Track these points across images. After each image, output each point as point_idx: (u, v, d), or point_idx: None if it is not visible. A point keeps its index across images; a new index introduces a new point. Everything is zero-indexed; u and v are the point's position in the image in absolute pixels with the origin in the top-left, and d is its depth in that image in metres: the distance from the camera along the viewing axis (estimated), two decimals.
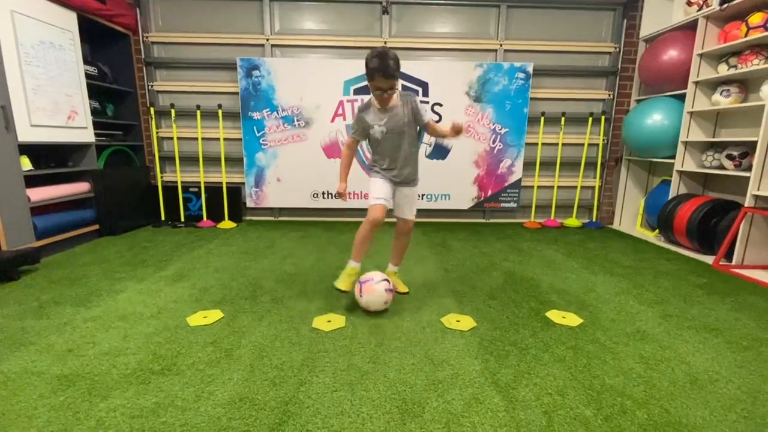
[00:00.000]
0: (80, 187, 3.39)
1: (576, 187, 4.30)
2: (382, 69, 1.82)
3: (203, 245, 3.27)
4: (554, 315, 2.01)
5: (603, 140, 4.19)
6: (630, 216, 4.28)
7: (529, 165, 4.24)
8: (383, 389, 1.40)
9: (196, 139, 4.05)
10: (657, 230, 3.66)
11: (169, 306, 2.08)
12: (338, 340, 1.74)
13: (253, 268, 2.70)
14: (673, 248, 3.36)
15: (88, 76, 3.47)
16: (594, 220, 4.27)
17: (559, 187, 4.29)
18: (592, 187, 4.42)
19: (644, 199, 4.03)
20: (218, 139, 4.06)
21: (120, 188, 3.70)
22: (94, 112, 3.56)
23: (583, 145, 4.23)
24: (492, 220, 4.41)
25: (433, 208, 4.27)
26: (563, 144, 4.17)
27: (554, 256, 3.04)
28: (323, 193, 4.22)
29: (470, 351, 1.66)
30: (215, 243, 3.34)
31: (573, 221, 4.23)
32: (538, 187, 4.27)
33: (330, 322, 1.91)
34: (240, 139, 4.15)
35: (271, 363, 1.56)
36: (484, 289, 2.35)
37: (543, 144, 4.16)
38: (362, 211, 4.42)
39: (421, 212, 4.51)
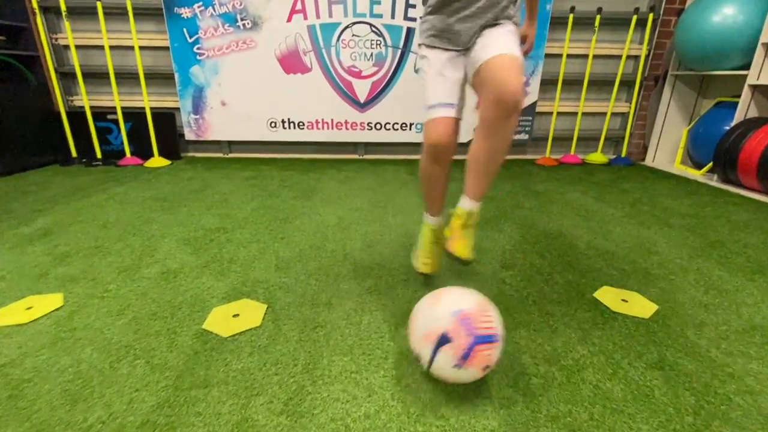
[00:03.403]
0: None
1: (604, 113, 3.40)
2: None
3: (109, 189, 2.41)
4: (609, 296, 1.25)
5: (646, 49, 3.21)
6: (667, 150, 3.44)
7: (547, 85, 3.29)
8: None
9: (102, 47, 3.00)
10: (707, 167, 2.85)
11: None
12: (240, 359, 0.97)
13: (158, 221, 1.87)
14: (733, 190, 2.58)
15: None
16: (623, 155, 3.43)
17: (583, 114, 3.38)
18: (623, 114, 3.52)
19: (689, 128, 3.16)
20: (132, 47, 3.01)
21: (2, 113, 2.74)
22: None
23: (617, 57, 3.26)
24: None
25: (421, 142, 3.37)
26: (594, 56, 3.19)
27: (583, 201, 2.25)
28: (284, 122, 3.29)
29: (472, 384, 0.91)
30: (128, 186, 2.48)
31: (597, 156, 3.39)
32: (558, 113, 3.36)
33: (237, 317, 1.13)
34: (167, 48, 3.11)
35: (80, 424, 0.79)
36: (494, 252, 1.57)
37: (568, 56, 3.18)
38: (328, 147, 3.51)
39: (405, 147, 3.64)
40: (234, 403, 0.83)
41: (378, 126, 3.32)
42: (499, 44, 0.99)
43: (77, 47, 3.04)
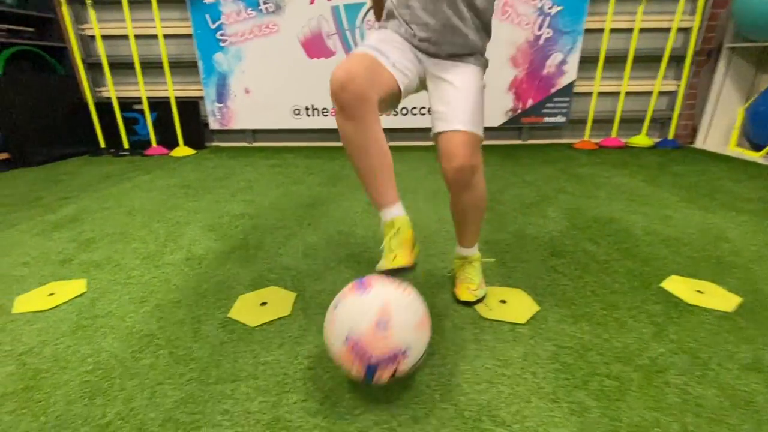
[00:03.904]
0: None
1: (649, 93, 3.14)
2: None
3: (135, 177, 2.39)
4: (679, 287, 1.09)
5: (699, 21, 2.93)
6: (720, 131, 3.15)
7: (586, 63, 3.06)
8: None
9: (127, 36, 2.98)
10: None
11: (12, 271, 1.24)
12: (269, 351, 0.88)
13: (183, 208, 1.82)
14: None
15: None
16: (670, 137, 3.17)
17: (626, 93, 3.13)
18: (670, 93, 3.25)
19: (746, 106, 2.88)
20: (157, 36, 2.97)
21: (33, 105, 2.77)
22: None
23: (665, 30, 3.00)
24: (530, 141, 3.35)
25: None
26: (640, 30, 2.94)
27: (633, 186, 2.06)
28: (308, 109, 3.20)
29: (532, 384, 0.79)
30: (154, 175, 2.45)
31: (641, 139, 3.15)
32: (598, 93, 3.13)
33: (265, 305, 1.04)
34: (190, 35, 3.06)
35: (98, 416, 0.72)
36: (541, 239, 1.43)
37: (611, 30, 2.94)
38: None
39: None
40: (264, 400, 0.74)
41: (404, 111, 3.18)
42: (460, 112, 0.89)
43: (103, 37, 3.03)
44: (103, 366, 0.84)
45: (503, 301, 1.03)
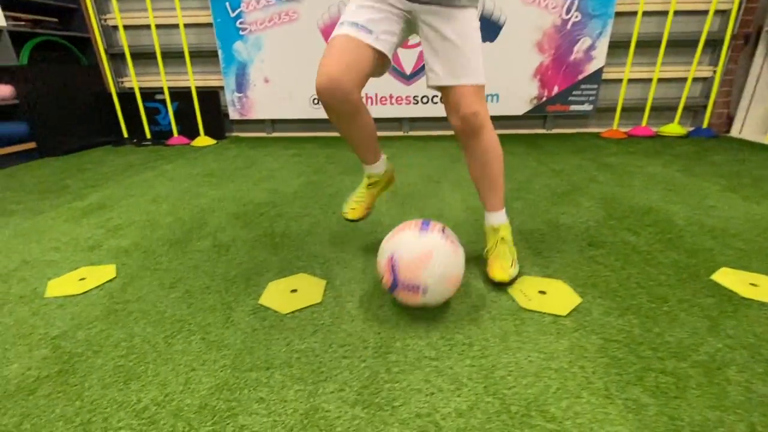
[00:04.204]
0: None
1: (682, 79, 3.00)
2: None
3: (158, 167, 2.40)
4: (731, 279, 1.03)
5: (737, 2, 2.77)
6: (759, 119, 2.99)
7: (616, 48, 2.94)
8: None
9: (149, 26, 2.98)
10: None
11: (43, 256, 1.25)
12: (303, 339, 0.86)
13: (207, 196, 1.81)
14: None
15: None
16: (704, 126, 3.03)
17: (659, 80, 3.00)
18: (704, 80, 3.10)
19: None
20: (178, 25, 2.97)
21: (58, 94, 2.80)
22: None
23: (702, 13, 2.85)
24: (555, 131, 3.25)
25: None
26: (675, 12, 2.80)
27: (669, 175, 1.96)
28: None
29: (582, 379, 0.74)
30: (176, 164, 2.46)
31: (674, 128, 3.01)
32: (629, 80, 3.00)
33: (295, 292, 1.02)
34: (210, 24, 3.05)
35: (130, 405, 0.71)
36: (576, 229, 1.37)
37: (643, 14, 2.81)
38: (389, 123, 3.35)
39: None
40: (300, 389, 0.72)
41: (425, 99, 3.12)
42: (459, 67, 0.92)
43: (124, 27, 3.05)
44: (136, 351, 0.83)
45: (542, 292, 0.99)
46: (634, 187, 1.79)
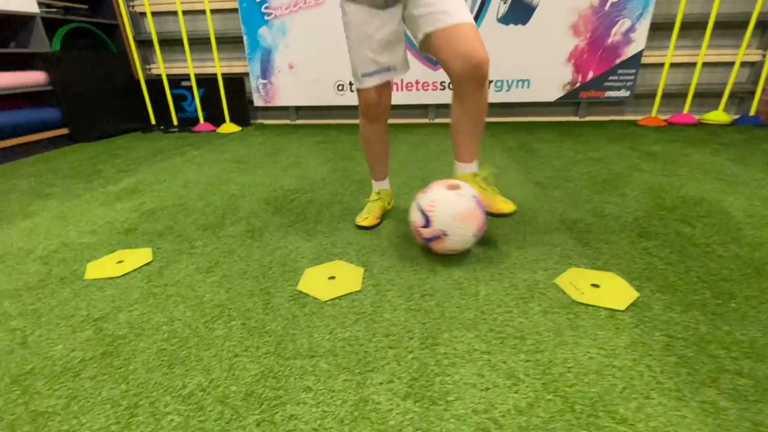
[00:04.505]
0: (31, 77, 2.56)
1: (727, 63, 2.82)
2: None
3: (186, 152, 2.41)
4: None
5: None
6: None
7: (657, 30, 2.78)
8: None
9: (176, 13, 2.98)
10: None
11: (80, 240, 1.26)
12: (345, 327, 0.83)
13: (237, 182, 1.80)
14: None
15: None
16: (751, 113, 2.84)
17: (703, 64, 2.82)
18: (752, 64, 2.90)
19: None
20: (204, 11, 2.95)
21: (89, 81, 2.84)
22: None
23: None
24: (589, 118, 3.12)
25: (504, 102, 3.03)
26: None
27: (718, 164, 1.84)
28: (351, 84, 3.11)
29: (649, 378, 0.69)
30: (204, 150, 2.47)
31: (719, 115, 2.84)
32: (670, 65, 2.84)
33: (333, 279, 0.99)
34: (236, 10, 3.03)
35: (177, 391, 0.69)
36: (623, 219, 1.29)
37: None
38: (409, 110, 3.29)
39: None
40: (347, 379, 0.69)
41: (451, 85, 3.02)
42: (450, 6, 0.92)
43: (152, 14, 3.05)
44: (177, 335, 0.82)
45: (596, 285, 0.93)
46: (681, 176, 1.69)
